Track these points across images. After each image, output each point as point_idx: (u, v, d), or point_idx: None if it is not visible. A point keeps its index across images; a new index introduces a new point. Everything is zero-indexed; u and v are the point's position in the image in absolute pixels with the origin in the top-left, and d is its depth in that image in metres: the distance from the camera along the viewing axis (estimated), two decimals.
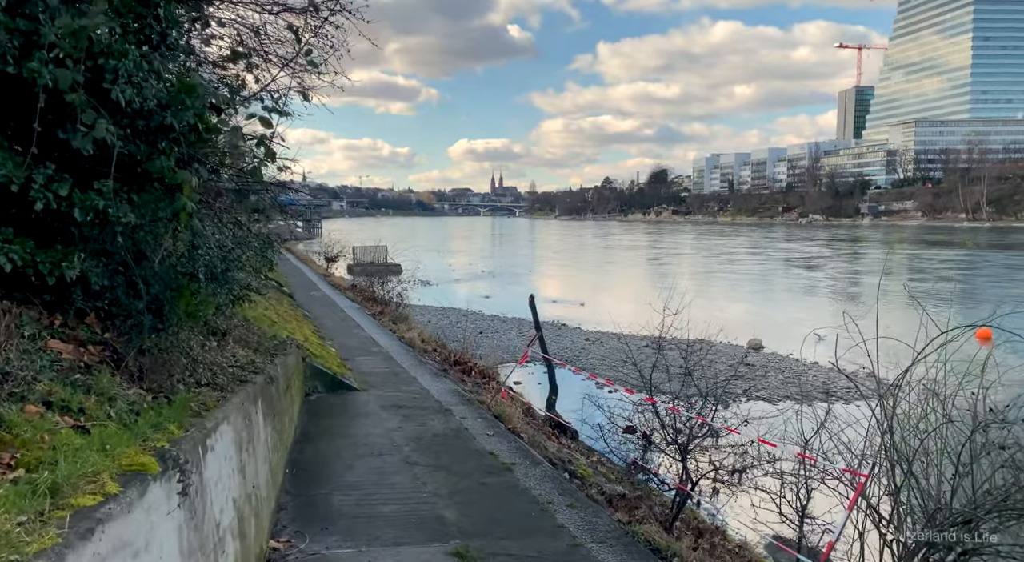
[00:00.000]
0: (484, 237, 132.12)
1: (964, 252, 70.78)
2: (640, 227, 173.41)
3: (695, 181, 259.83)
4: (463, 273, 52.45)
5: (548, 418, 10.23)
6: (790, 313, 35.04)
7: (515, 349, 23.06)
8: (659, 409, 7.90)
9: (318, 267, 33.87)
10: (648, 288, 45.35)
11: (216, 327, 5.76)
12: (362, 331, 12.58)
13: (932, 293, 39.74)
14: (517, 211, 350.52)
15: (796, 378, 18.87)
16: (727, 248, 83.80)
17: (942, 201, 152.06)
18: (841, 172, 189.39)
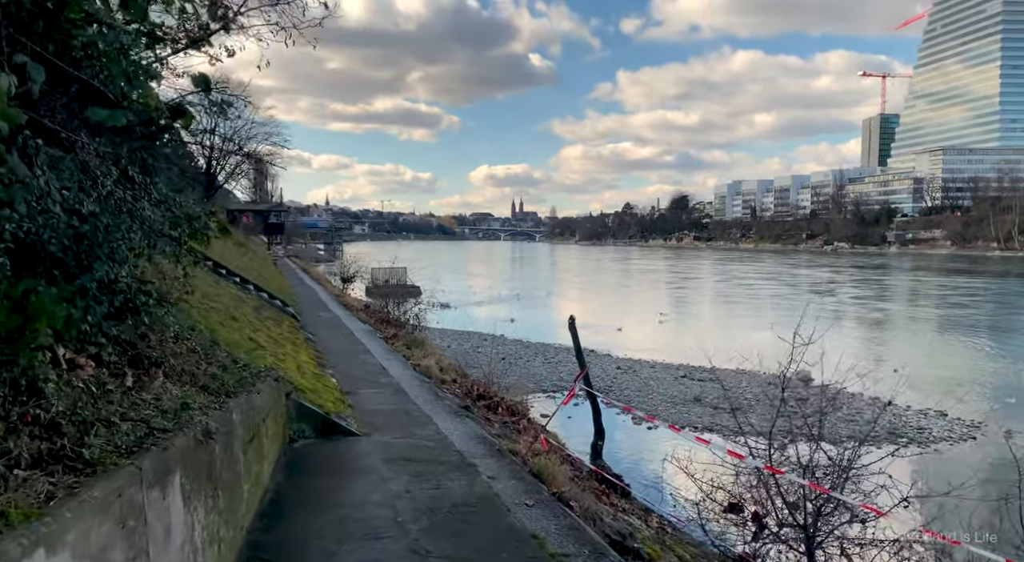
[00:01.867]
0: (504, 261, 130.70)
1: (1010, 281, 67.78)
2: (661, 253, 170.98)
3: (716, 207, 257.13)
4: (484, 296, 50.70)
5: (593, 471, 8.30)
6: (830, 343, 32.68)
7: (542, 378, 21.13)
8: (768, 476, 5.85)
9: (332, 287, 32.28)
10: (674, 314, 43.24)
11: (141, 354, 3.97)
12: (371, 357, 10.76)
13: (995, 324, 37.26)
14: (537, 236, 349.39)
15: (859, 415, 16.70)
16: (750, 274, 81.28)
17: (972, 230, 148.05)
18: (867, 200, 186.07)
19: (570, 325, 8.60)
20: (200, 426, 3.41)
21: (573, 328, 8.60)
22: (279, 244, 79.06)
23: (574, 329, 8.62)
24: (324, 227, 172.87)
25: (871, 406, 17.99)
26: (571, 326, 8.59)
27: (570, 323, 8.63)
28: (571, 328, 8.60)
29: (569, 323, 8.63)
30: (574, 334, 8.65)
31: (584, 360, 8.87)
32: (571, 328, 8.60)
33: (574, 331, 8.63)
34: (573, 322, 8.62)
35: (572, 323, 8.60)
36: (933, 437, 15.12)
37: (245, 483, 4.33)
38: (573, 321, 8.62)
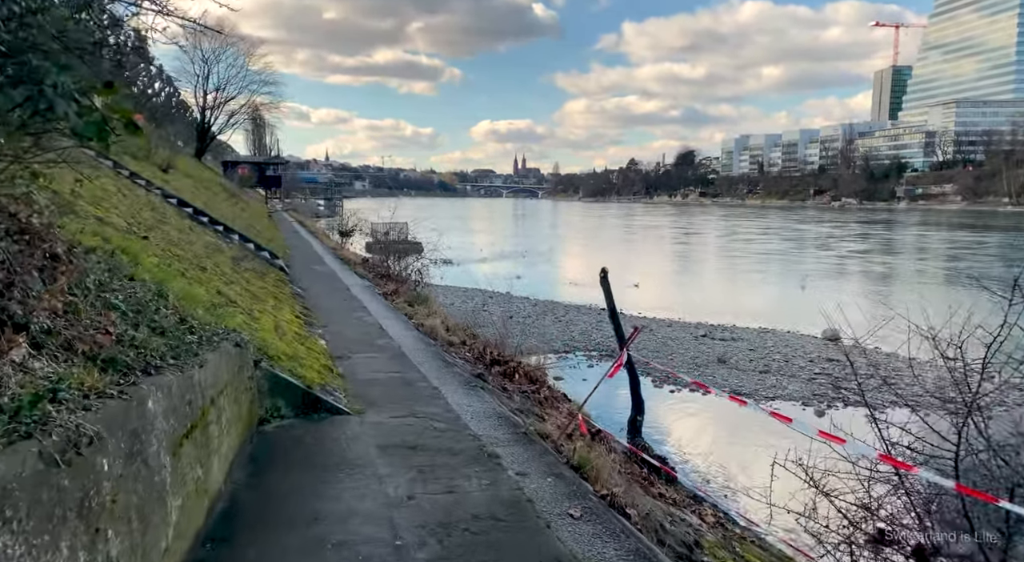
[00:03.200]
0: (507, 218, 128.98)
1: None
2: (666, 210, 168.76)
3: (723, 163, 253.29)
4: (487, 253, 49.26)
5: (631, 451, 6.95)
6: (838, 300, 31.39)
7: (552, 337, 19.87)
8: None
9: (330, 241, 30.87)
10: (685, 271, 41.85)
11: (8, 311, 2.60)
12: (368, 315, 9.38)
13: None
14: (540, 193, 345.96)
15: (899, 377, 15.37)
16: (754, 231, 79.60)
17: (984, 184, 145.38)
18: (876, 155, 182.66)
19: (602, 280, 7.20)
20: (60, 434, 2.03)
21: (606, 283, 7.20)
22: (277, 198, 77.35)
23: (607, 284, 7.22)
24: (324, 182, 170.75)
25: (907, 363, 16.74)
26: (603, 281, 7.18)
27: (602, 277, 7.21)
28: (603, 283, 7.20)
29: (601, 277, 7.22)
30: (607, 290, 7.25)
31: (620, 322, 7.47)
32: (603, 283, 7.20)
33: (607, 287, 7.23)
34: (606, 276, 7.20)
35: (604, 277, 7.19)
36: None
37: (174, 499, 2.99)
38: (606, 275, 7.20)
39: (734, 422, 12.81)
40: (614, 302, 7.27)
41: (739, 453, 11.14)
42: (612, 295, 7.27)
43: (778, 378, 15.86)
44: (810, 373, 16.14)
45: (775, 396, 14.56)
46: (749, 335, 20.75)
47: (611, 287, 7.24)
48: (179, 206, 13.07)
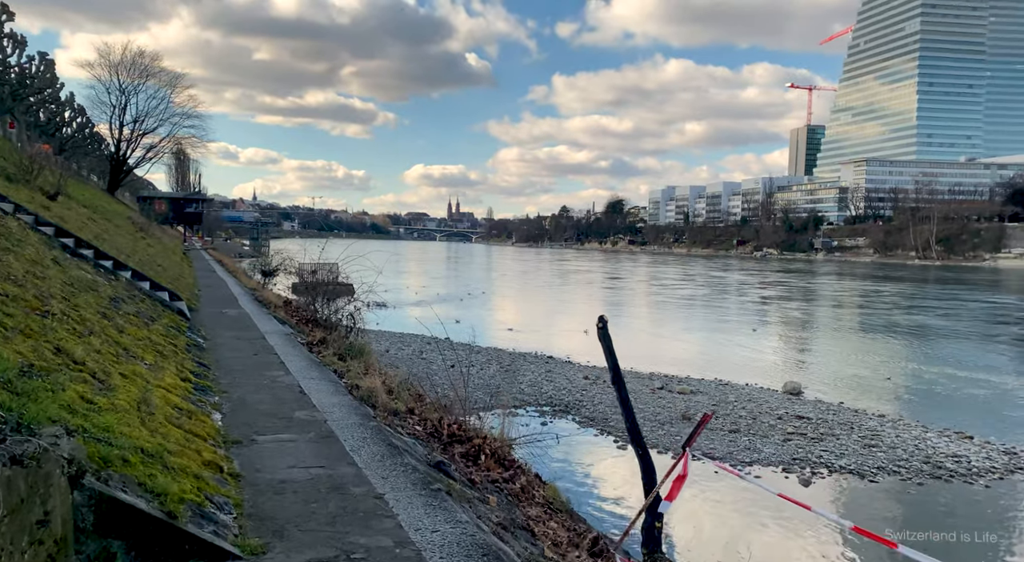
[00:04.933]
0: (442, 261, 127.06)
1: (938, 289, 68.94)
2: (598, 256, 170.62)
3: (651, 212, 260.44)
4: (423, 296, 47.03)
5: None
6: (806, 354, 30.71)
7: (500, 390, 17.88)
8: None
9: (251, 282, 28.11)
10: (627, 317, 40.68)
11: None
12: (285, 374, 7.24)
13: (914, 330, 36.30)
14: (473, 237, 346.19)
15: (878, 438, 14.15)
16: (684, 278, 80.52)
17: (893, 238, 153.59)
18: (794, 208, 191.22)
19: (601, 331, 5.40)
20: None
21: (606, 336, 5.41)
22: (198, 236, 73.26)
23: (607, 338, 5.43)
24: (250, 221, 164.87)
25: (880, 422, 15.58)
26: (603, 333, 5.39)
27: (600, 328, 5.42)
28: (603, 336, 5.41)
29: (599, 328, 5.43)
30: (608, 346, 5.47)
31: (626, 392, 5.64)
32: (603, 336, 5.41)
33: (607, 341, 5.45)
34: (605, 327, 5.41)
35: (604, 328, 5.39)
36: (973, 469, 12.61)
37: None
38: (605, 325, 5.41)
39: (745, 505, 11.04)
40: (617, 362, 5.50)
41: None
42: (614, 353, 5.49)
43: (750, 438, 14.31)
44: (782, 432, 14.69)
45: (752, 460, 12.95)
46: (707, 388, 19.32)
47: (610, 339, 5.44)
48: (56, 236, 10.68)
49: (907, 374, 23.01)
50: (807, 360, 26.10)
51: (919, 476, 11.86)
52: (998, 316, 42.79)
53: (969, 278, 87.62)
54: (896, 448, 13.40)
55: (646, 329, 35.40)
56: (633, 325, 36.83)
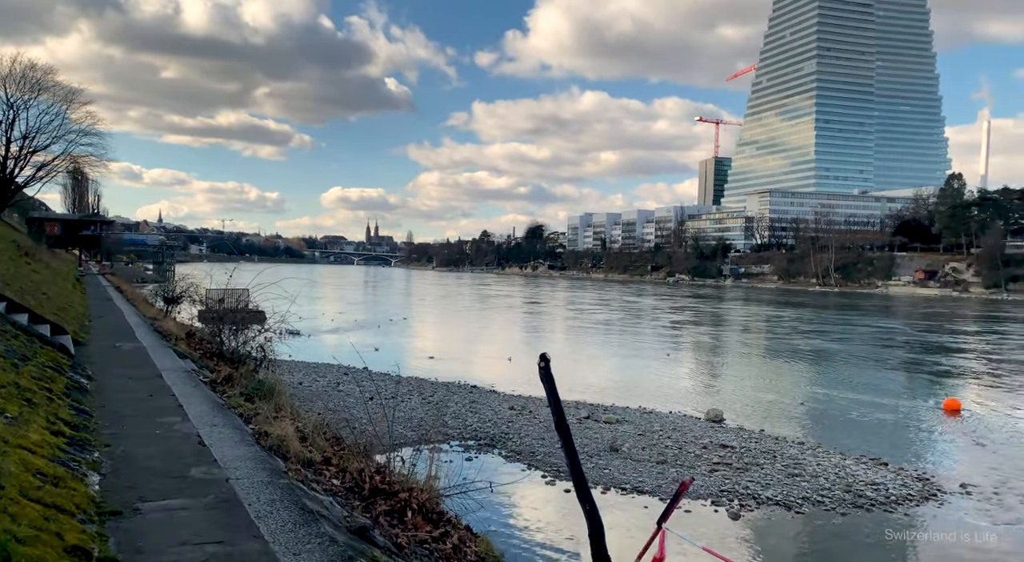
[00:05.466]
0: (359, 285, 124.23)
1: (830, 313, 72.69)
2: (518, 281, 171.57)
3: (569, 238, 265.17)
4: (339, 322, 45.48)
5: None
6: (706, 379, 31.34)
7: (422, 423, 17.15)
8: None
9: (152, 311, 26.21)
10: (549, 342, 40.53)
11: None
12: (182, 421, 6.35)
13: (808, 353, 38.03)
14: (392, 261, 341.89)
15: (800, 467, 14.27)
16: (601, 303, 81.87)
17: (795, 266, 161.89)
18: (704, 235, 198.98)
19: (543, 371, 4.88)
20: None
21: (548, 375, 4.90)
22: (96, 261, 68.68)
23: (549, 377, 4.92)
24: (154, 245, 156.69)
25: (800, 450, 15.79)
26: (544, 372, 4.87)
27: (543, 368, 4.89)
28: (544, 376, 4.89)
29: (541, 368, 4.90)
30: (550, 386, 4.95)
31: (571, 438, 5.11)
32: (544, 376, 4.89)
33: (549, 380, 4.94)
34: (548, 366, 4.89)
35: (546, 368, 4.87)
36: (891, 497, 12.85)
37: None
38: (548, 364, 4.89)
39: None
40: (560, 405, 4.97)
41: None
42: (557, 395, 4.99)
43: (678, 470, 14.15)
44: (708, 463, 14.62)
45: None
46: (633, 417, 19.19)
47: (553, 377, 4.96)
48: None
49: (818, 399, 23.68)
50: (723, 385, 26.55)
51: (842, 506, 11.93)
52: (887, 340, 45.33)
53: (863, 304, 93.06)
54: (818, 476, 13.52)
55: (566, 355, 35.33)
56: (553, 350, 36.57)
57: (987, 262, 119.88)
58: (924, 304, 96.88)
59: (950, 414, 20.38)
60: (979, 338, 48.19)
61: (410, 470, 7.20)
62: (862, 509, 11.81)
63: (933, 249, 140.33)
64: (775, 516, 11.69)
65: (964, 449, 16.65)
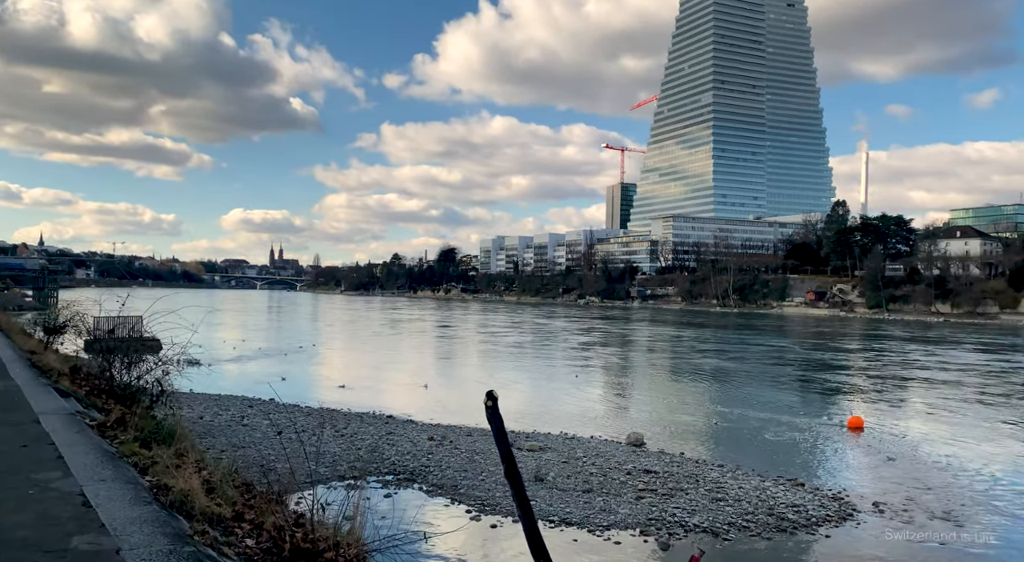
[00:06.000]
0: (263, 311, 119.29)
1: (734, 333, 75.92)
2: (431, 304, 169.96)
3: (482, 261, 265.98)
4: (243, 351, 43.17)
5: None
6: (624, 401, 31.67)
7: (336, 458, 16.23)
8: None
9: (29, 342, 23.79)
10: (463, 367, 39.89)
11: None
12: (61, 478, 5.36)
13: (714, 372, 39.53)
14: (299, 285, 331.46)
15: (723, 491, 14.34)
16: (513, 326, 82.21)
17: (697, 288, 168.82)
18: (613, 258, 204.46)
19: (490, 411, 4.38)
20: None
21: (496, 416, 4.41)
22: None
23: (497, 417, 4.44)
24: (34, 270, 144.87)
25: (721, 473, 15.92)
26: (492, 413, 4.37)
27: (490, 408, 4.39)
28: (492, 416, 4.40)
29: (488, 408, 4.41)
30: (498, 427, 4.46)
31: (518, 473, 4.64)
32: (492, 416, 4.40)
33: (497, 420, 4.46)
34: (495, 406, 4.40)
35: (494, 408, 4.38)
36: (812, 519, 13.09)
37: None
38: (495, 404, 4.40)
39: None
40: (510, 448, 4.49)
41: None
42: (506, 437, 4.52)
43: (604, 498, 13.90)
44: (634, 489, 14.48)
45: (609, 523, 12.49)
46: (556, 443, 18.92)
47: (501, 417, 4.49)
48: None
49: (728, 418, 24.24)
50: (637, 407, 26.79)
51: (767, 530, 11.99)
52: (783, 359, 47.62)
53: (759, 324, 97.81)
54: (741, 500, 13.58)
55: (481, 379, 34.87)
56: (466, 375, 36.24)
57: (869, 284, 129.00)
58: (814, 324, 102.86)
59: (854, 431, 21.29)
60: (863, 355, 51.40)
61: (336, 521, 6.50)
62: (786, 533, 11.91)
63: (822, 271, 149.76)
64: (704, 544, 11.58)
65: (870, 466, 17.35)
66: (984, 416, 25.29)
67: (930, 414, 25.67)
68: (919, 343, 62.12)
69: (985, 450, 19.75)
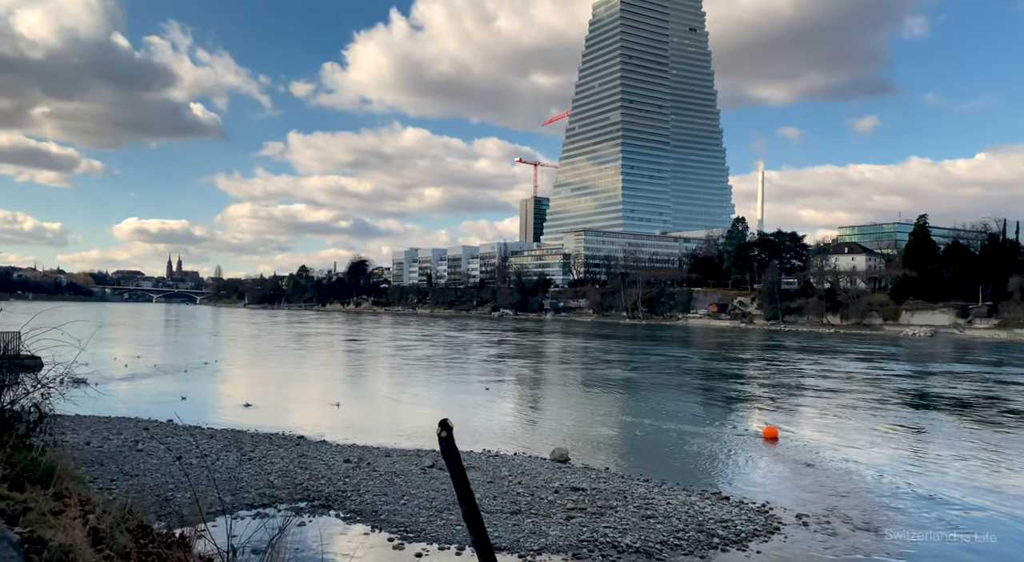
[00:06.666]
0: (159, 325, 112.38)
1: (639, 344, 77.83)
2: (340, 318, 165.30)
3: (395, 273, 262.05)
4: (137, 368, 40.11)
5: None
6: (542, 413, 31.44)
7: (244, 484, 15.00)
8: None
9: None
10: (373, 382, 38.42)
11: None
12: None
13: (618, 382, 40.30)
14: (199, 298, 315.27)
15: (652, 507, 14.14)
16: (428, 341, 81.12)
17: (608, 300, 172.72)
18: (526, 271, 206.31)
19: (445, 444, 3.71)
20: None
21: (451, 449, 3.76)
22: None
23: (453, 450, 3.79)
24: None
25: (648, 488, 15.77)
26: (447, 446, 3.72)
27: (444, 440, 3.73)
28: (447, 450, 3.75)
29: (442, 440, 3.75)
30: (454, 462, 3.82)
31: (478, 514, 4.04)
32: (447, 450, 3.75)
33: (454, 455, 3.81)
34: (450, 437, 3.75)
35: (449, 440, 3.72)
36: (742, 534, 13.07)
37: None
38: (450, 434, 3.76)
39: None
40: (468, 486, 3.88)
41: None
42: (464, 474, 3.89)
43: (534, 520, 13.40)
44: (563, 509, 14.05)
45: (540, 547, 12.00)
46: (479, 462, 18.30)
47: (458, 454, 3.88)
48: None
49: (647, 429, 24.31)
50: (556, 421, 26.54)
51: (699, 548, 11.83)
52: (687, 369, 49.06)
53: (665, 335, 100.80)
54: (671, 517, 13.39)
55: (392, 395, 33.82)
56: (375, 390, 34.97)
57: (767, 297, 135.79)
58: (716, 335, 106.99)
59: (769, 442, 21.80)
60: (761, 365, 53.65)
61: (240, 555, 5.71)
62: (717, 549, 11.79)
63: (724, 284, 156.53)
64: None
65: (789, 477, 17.69)
66: (868, 421, 26.75)
67: (826, 421, 26.81)
68: (810, 353, 65.52)
69: (877, 454, 20.80)
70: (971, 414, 29.28)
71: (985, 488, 16.96)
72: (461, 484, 3.82)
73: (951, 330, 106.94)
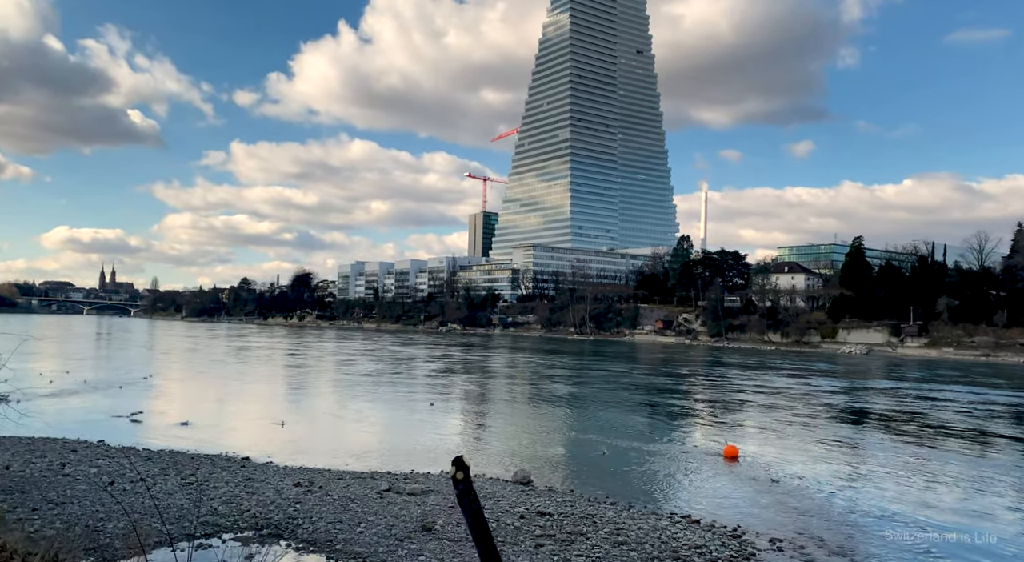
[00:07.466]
0: (89, 338, 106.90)
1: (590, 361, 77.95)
2: (282, 332, 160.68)
3: (340, 287, 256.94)
4: (65, 384, 37.67)
5: None
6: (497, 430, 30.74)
7: (183, 513, 13.82)
8: None
9: None
10: (315, 399, 36.77)
11: None
12: None
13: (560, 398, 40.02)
14: (133, 311, 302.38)
15: (623, 533, 13.62)
16: (367, 353, 79.40)
17: (556, 316, 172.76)
18: (475, 286, 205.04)
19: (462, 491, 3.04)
20: None
21: (469, 494, 3.11)
22: None
23: (472, 496, 3.13)
24: None
25: (616, 512, 15.25)
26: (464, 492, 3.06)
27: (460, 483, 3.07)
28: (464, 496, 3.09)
29: (457, 482, 3.07)
30: (473, 508, 3.17)
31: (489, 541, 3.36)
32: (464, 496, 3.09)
33: (473, 501, 3.16)
34: (467, 479, 3.09)
35: (466, 482, 3.07)
36: (717, 560, 12.65)
37: None
38: (467, 476, 3.09)
39: None
40: (492, 541, 3.22)
41: None
42: (485, 524, 3.22)
43: (502, 550, 12.70)
44: (531, 536, 13.41)
45: None
46: (438, 484, 17.50)
47: (478, 500, 3.23)
48: None
49: (607, 448, 23.70)
50: (512, 440, 25.90)
51: None
52: (635, 386, 49.18)
53: (611, 352, 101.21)
54: (644, 543, 12.89)
55: (335, 413, 32.55)
56: (323, 408, 33.52)
57: (710, 314, 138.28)
58: (662, 351, 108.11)
59: (730, 461, 21.60)
60: (706, 382, 54.19)
61: None
62: None
63: (670, 301, 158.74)
64: None
65: (755, 498, 17.46)
66: (809, 437, 27.13)
67: (773, 438, 26.98)
68: (752, 369, 66.72)
69: (825, 470, 21.09)
70: (896, 428, 30.08)
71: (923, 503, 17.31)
72: (484, 541, 3.13)
73: (885, 348, 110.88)
